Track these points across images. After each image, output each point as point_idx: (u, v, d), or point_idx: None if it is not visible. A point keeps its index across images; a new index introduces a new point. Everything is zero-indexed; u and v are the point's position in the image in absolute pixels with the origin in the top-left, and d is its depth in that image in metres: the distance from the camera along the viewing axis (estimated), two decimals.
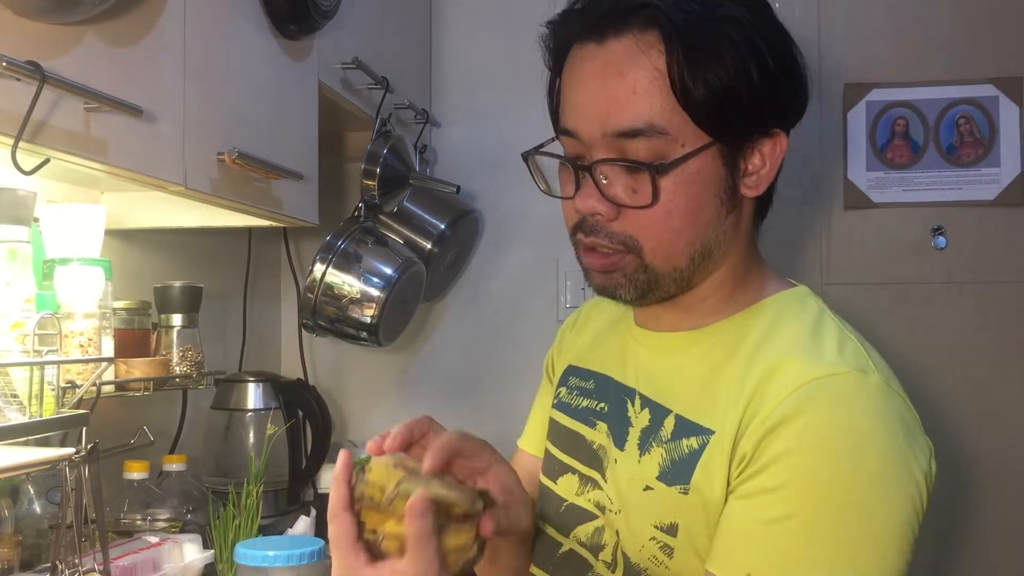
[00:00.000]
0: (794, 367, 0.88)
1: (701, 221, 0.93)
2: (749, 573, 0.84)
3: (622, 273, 0.95)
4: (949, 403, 2.06)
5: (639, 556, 0.93)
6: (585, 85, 0.93)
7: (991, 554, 2.06)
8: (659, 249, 0.93)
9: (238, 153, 1.24)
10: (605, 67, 0.91)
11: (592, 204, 0.92)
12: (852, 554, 0.83)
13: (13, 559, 1.19)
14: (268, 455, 1.60)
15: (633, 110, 0.89)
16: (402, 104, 1.97)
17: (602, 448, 1.02)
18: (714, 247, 0.95)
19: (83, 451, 1.08)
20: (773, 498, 0.84)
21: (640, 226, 0.92)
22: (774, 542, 0.84)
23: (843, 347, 0.91)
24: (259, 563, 1.19)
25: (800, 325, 0.94)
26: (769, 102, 0.92)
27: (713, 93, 0.89)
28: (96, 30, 0.99)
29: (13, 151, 0.89)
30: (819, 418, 0.85)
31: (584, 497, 1.02)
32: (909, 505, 0.85)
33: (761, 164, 0.95)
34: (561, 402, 1.12)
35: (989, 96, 2.10)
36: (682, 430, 0.93)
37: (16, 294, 1.10)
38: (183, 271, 1.78)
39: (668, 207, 0.91)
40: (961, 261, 2.10)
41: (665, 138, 0.89)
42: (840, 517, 0.83)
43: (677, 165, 0.90)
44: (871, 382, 0.88)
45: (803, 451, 0.84)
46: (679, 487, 0.91)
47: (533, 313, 2.24)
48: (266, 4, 1.37)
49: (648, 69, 0.89)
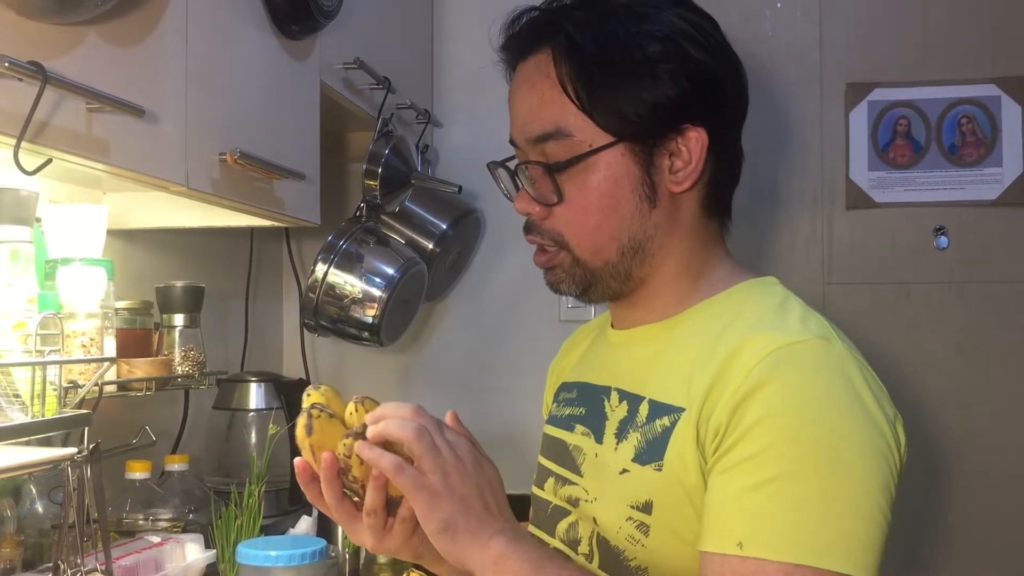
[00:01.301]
0: (759, 339, 0.91)
1: (620, 216, 1.00)
2: (740, 542, 0.85)
3: (561, 269, 1.04)
4: (950, 403, 2.06)
5: (617, 538, 0.96)
6: (512, 98, 1.05)
7: (990, 553, 2.06)
8: (583, 244, 1.01)
9: (240, 153, 1.24)
10: (523, 81, 1.03)
11: (523, 205, 1.04)
12: (837, 512, 0.85)
13: (15, 559, 1.19)
14: (270, 455, 1.60)
15: (542, 116, 1.00)
16: (404, 104, 1.97)
17: (577, 448, 1.06)
18: (644, 240, 1.01)
19: (85, 451, 1.08)
20: (753, 464, 0.86)
21: (563, 223, 1.02)
22: (760, 507, 0.86)
23: (806, 320, 0.96)
24: (261, 563, 1.19)
25: (764, 306, 0.99)
26: (674, 104, 0.98)
27: (608, 100, 0.97)
28: (98, 30, 0.99)
29: (15, 151, 0.89)
30: (788, 383, 0.88)
31: (558, 496, 1.07)
32: (884, 464, 0.88)
33: (686, 161, 1.00)
34: (552, 416, 1.17)
35: (991, 96, 2.09)
36: (655, 412, 0.97)
37: (18, 294, 1.10)
38: (185, 271, 1.78)
39: (583, 203, 1.00)
40: (963, 261, 2.10)
41: (572, 139, 0.99)
42: (821, 476, 0.85)
43: (575, 163, 0.99)
44: (835, 348, 0.92)
45: (776, 416, 0.87)
46: (653, 464, 0.94)
47: (535, 313, 2.23)
48: (268, 4, 1.37)
49: (552, 79, 0.99)
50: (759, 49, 2.11)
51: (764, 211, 2.13)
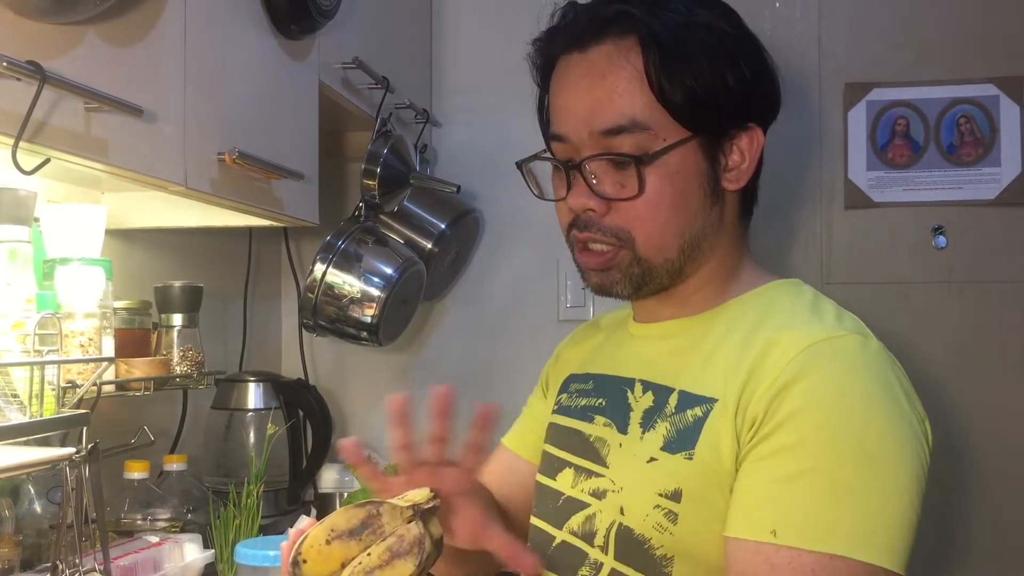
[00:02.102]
0: (795, 334, 0.93)
1: (687, 212, 0.99)
2: (774, 530, 0.86)
3: (618, 269, 1.01)
4: (950, 402, 2.06)
5: (643, 526, 0.95)
6: (571, 90, 1.01)
7: (991, 551, 2.06)
8: (651, 240, 0.99)
9: (238, 153, 1.24)
10: (589, 72, 0.99)
11: (583, 201, 0.99)
12: (873, 505, 0.86)
13: (13, 559, 1.19)
14: (268, 455, 1.60)
15: (616, 108, 0.97)
16: (402, 104, 1.97)
17: (599, 439, 1.05)
18: (701, 238, 1.01)
19: (83, 451, 1.08)
20: (790, 455, 0.87)
21: (630, 218, 0.99)
22: (796, 497, 0.86)
23: (841, 317, 0.97)
24: (259, 563, 1.19)
25: (797, 304, 1.00)
26: (742, 100, 0.99)
27: (689, 91, 0.96)
28: (96, 30, 0.99)
29: (13, 151, 0.89)
30: (826, 376, 0.89)
31: (578, 488, 1.05)
32: (917, 461, 0.89)
33: (740, 159, 1.02)
34: (562, 406, 1.16)
35: (990, 95, 2.09)
36: (686, 403, 0.97)
37: (17, 294, 1.10)
38: (183, 271, 1.78)
39: (655, 198, 0.97)
40: (961, 261, 2.10)
41: (647, 133, 0.97)
42: (857, 469, 0.86)
43: (660, 156, 0.97)
44: (871, 345, 0.94)
45: (815, 408, 0.88)
46: (684, 453, 0.94)
47: (533, 313, 2.23)
48: (266, 4, 1.37)
49: (628, 70, 0.97)
50: None
51: (762, 210, 2.11)
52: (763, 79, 1.02)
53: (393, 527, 0.85)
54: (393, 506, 0.87)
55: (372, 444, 2.19)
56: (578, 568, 1.01)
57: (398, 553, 0.84)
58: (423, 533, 0.86)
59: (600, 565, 0.99)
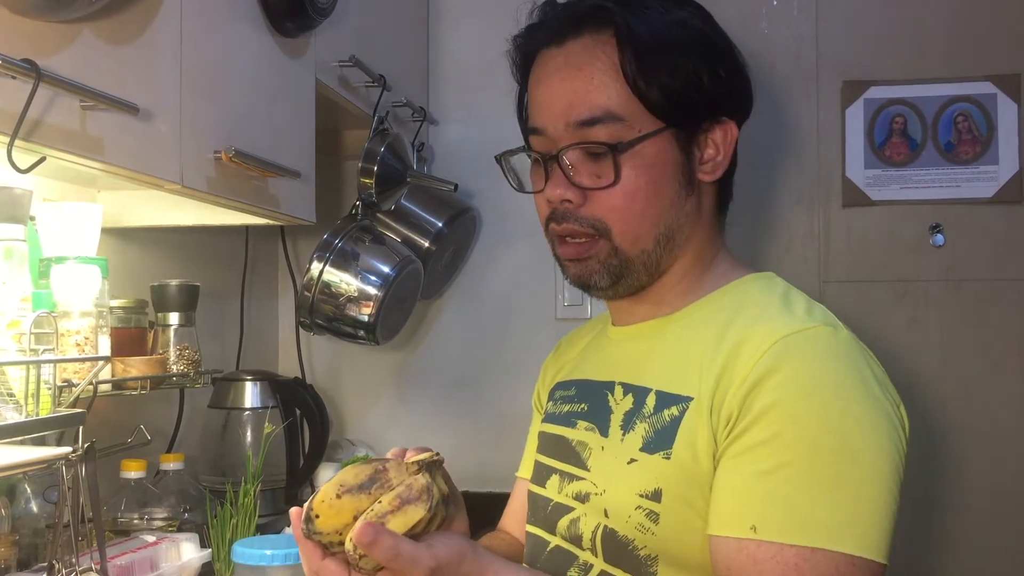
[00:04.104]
0: (766, 328, 0.93)
1: (662, 202, 1.01)
2: (754, 525, 0.86)
3: (595, 259, 1.02)
4: (947, 401, 2.06)
5: (626, 527, 0.96)
6: (548, 83, 1.03)
7: (986, 552, 2.06)
8: (627, 231, 1.01)
9: (235, 151, 1.24)
10: (565, 64, 1.01)
11: (560, 191, 1.01)
12: (851, 495, 0.86)
13: (10, 558, 1.19)
14: (265, 454, 1.60)
15: (591, 100, 0.99)
16: (399, 102, 1.96)
17: (581, 443, 1.06)
18: (676, 230, 1.03)
19: (80, 450, 1.08)
20: (767, 450, 0.88)
21: (607, 208, 1.00)
22: (774, 491, 0.87)
23: (811, 309, 0.98)
24: (256, 562, 1.19)
25: (769, 298, 1.00)
26: (715, 95, 1.01)
27: (663, 85, 0.99)
28: (92, 28, 0.99)
29: (9, 149, 0.89)
30: (798, 369, 0.90)
31: (563, 493, 1.06)
32: (893, 448, 0.89)
33: (715, 152, 1.03)
34: (548, 414, 1.17)
35: (987, 94, 2.09)
36: (663, 402, 0.98)
37: (12, 293, 1.10)
38: (180, 269, 1.78)
39: (631, 188, 0.99)
40: (959, 258, 2.10)
41: (622, 123, 0.99)
42: (834, 461, 0.87)
43: (635, 144, 0.99)
44: (841, 335, 0.94)
45: (788, 401, 0.88)
46: (662, 453, 0.94)
47: (531, 311, 2.23)
48: (263, 2, 1.37)
49: (603, 62, 0.99)
50: (755, 47, 2.10)
51: (760, 209, 2.13)
52: (735, 76, 1.04)
53: (400, 480, 0.87)
54: (399, 462, 0.89)
55: (368, 443, 2.20)
56: (568, 571, 1.02)
57: (408, 500, 0.85)
58: (430, 482, 0.88)
59: (590, 567, 0.99)
